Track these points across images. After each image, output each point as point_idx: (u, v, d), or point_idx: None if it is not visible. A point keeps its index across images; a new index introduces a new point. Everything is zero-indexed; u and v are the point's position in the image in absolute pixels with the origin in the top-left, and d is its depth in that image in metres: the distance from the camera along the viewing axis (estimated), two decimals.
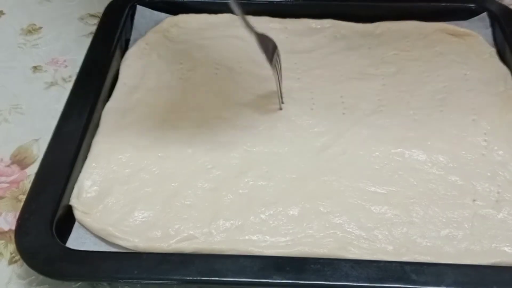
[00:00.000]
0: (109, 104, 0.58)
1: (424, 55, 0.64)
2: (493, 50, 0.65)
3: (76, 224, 0.48)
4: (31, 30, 0.72)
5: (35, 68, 0.67)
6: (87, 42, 0.64)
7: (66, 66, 0.67)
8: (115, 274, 0.43)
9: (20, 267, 0.47)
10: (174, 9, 0.69)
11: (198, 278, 0.42)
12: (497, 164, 0.52)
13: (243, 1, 0.69)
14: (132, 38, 0.67)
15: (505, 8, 0.69)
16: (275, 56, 0.53)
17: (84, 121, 0.54)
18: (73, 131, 0.53)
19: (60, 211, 0.47)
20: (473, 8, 0.69)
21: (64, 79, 0.65)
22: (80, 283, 0.46)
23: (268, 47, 0.52)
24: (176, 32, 0.67)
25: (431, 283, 0.42)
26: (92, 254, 0.45)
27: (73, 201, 0.49)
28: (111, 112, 0.57)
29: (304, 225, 0.47)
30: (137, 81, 0.61)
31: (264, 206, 0.49)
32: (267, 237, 0.47)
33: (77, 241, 0.46)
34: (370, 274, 0.42)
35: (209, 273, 0.42)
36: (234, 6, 0.46)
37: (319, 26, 0.68)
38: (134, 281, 0.43)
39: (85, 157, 0.52)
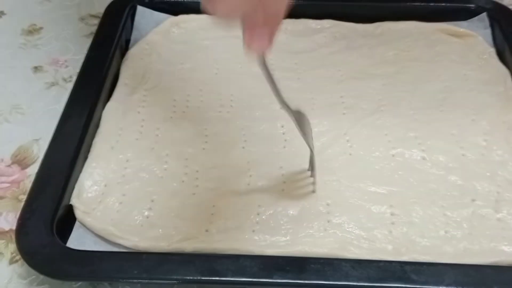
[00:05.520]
0: (109, 104, 0.58)
1: (424, 55, 0.64)
2: (492, 50, 0.65)
3: (76, 224, 0.48)
4: (32, 30, 0.72)
5: (35, 68, 0.67)
6: (87, 42, 0.64)
7: (66, 67, 0.67)
8: (115, 274, 0.43)
9: (21, 266, 0.47)
10: (174, 10, 0.69)
11: (198, 278, 0.42)
12: (497, 164, 0.52)
13: None
14: (132, 38, 0.67)
15: (504, 8, 0.69)
16: (308, 130, 0.47)
17: (85, 121, 0.54)
18: (74, 131, 0.53)
19: (60, 211, 0.47)
20: (473, 8, 0.69)
21: (64, 79, 0.65)
22: (80, 282, 0.46)
23: (306, 128, 0.47)
24: (177, 32, 0.68)
25: (431, 283, 0.42)
26: (93, 254, 0.45)
27: (74, 201, 0.49)
28: (112, 112, 0.57)
29: (304, 225, 0.47)
30: (138, 82, 0.61)
31: (264, 205, 0.49)
32: (267, 236, 0.47)
33: (77, 240, 0.46)
34: (370, 274, 0.42)
35: (209, 273, 0.42)
36: (268, 80, 0.42)
37: (319, 26, 0.68)
38: (135, 280, 0.43)
39: (86, 157, 0.52)
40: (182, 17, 0.69)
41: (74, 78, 0.60)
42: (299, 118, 0.46)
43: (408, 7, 0.69)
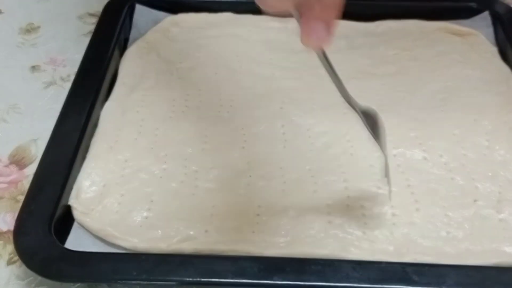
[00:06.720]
0: (108, 104, 0.57)
1: (425, 55, 0.64)
2: (494, 49, 0.65)
3: (75, 225, 0.47)
4: (30, 29, 0.72)
5: (33, 67, 0.66)
6: (86, 41, 0.64)
7: (64, 66, 0.67)
8: (114, 275, 0.43)
9: (19, 267, 0.47)
10: (173, 8, 0.69)
11: (198, 279, 0.42)
12: (499, 164, 0.52)
13: (243, 1, 0.70)
14: (131, 37, 0.67)
15: (506, 7, 0.69)
16: (381, 132, 0.43)
17: (83, 121, 0.53)
18: (72, 131, 0.52)
19: (58, 212, 0.47)
20: (475, 7, 0.68)
21: (62, 79, 0.65)
22: (79, 284, 0.46)
23: (378, 129, 0.43)
24: (176, 31, 0.67)
25: (433, 284, 0.42)
26: (91, 255, 0.44)
27: (72, 201, 0.48)
28: (110, 111, 0.56)
29: (305, 225, 0.47)
30: (136, 81, 0.60)
31: (264, 206, 0.49)
32: (267, 237, 0.46)
33: (76, 241, 0.46)
34: (371, 275, 0.42)
35: (208, 274, 0.42)
36: (330, 74, 0.41)
37: None
38: (133, 282, 0.43)
39: (84, 157, 0.52)
40: (181, 16, 0.68)
41: (72, 77, 0.59)
42: (369, 118, 0.42)
43: (409, 5, 0.69)
